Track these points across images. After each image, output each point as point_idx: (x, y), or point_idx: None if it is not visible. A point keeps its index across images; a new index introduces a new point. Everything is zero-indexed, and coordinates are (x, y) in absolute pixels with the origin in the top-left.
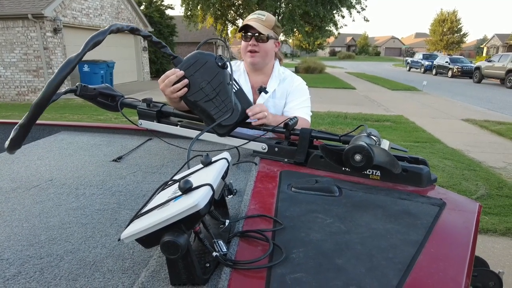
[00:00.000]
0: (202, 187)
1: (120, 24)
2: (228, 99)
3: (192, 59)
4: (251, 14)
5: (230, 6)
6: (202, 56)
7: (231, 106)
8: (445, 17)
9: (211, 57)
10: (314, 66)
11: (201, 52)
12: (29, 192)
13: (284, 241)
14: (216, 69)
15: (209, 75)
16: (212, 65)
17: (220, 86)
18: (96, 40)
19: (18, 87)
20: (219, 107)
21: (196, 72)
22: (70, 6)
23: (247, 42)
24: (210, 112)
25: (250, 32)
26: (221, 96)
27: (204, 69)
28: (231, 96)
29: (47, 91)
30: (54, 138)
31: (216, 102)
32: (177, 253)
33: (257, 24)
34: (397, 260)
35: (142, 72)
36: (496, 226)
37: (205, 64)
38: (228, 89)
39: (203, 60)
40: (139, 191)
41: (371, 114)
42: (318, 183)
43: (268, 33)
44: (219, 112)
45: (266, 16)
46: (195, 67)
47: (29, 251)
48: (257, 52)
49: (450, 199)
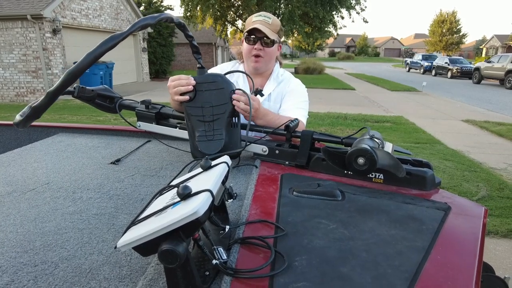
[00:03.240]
0: (201, 193)
1: (171, 16)
2: (219, 130)
3: (212, 78)
4: (255, 16)
5: (230, 7)
6: (223, 81)
7: (219, 138)
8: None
9: (229, 86)
10: (314, 67)
11: (224, 77)
12: (24, 196)
13: (287, 248)
14: (227, 99)
15: (216, 101)
16: (225, 94)
17: (221, 116)
18: (145, 22)
19: (17, 88)
20: (207, 132)
21: (207, 91)
22: (70, 7)
23: (252, 46)
24: (195, 131)
25: (256, 36)
26: (216, 124)
27: (216, 93)
28: (223, 129)
29: (83, 62)
30: (52, 140)
31: (207, 126)
32: (175, 262)
33: (265, 28)
34: (403, 268)
35: (142, 73)
36: (497, 228)
37: (220, 89)
38: (226, 122)
39: (221, 85)
40: (137, 195)
41: (371, 114)
42: (320, 187)
43: (274, 37)
44: (204, 136)
45: (272, 19)
46: (210, 86)
47: (23, 258)
48: (261, 57)
49: (455, 203)
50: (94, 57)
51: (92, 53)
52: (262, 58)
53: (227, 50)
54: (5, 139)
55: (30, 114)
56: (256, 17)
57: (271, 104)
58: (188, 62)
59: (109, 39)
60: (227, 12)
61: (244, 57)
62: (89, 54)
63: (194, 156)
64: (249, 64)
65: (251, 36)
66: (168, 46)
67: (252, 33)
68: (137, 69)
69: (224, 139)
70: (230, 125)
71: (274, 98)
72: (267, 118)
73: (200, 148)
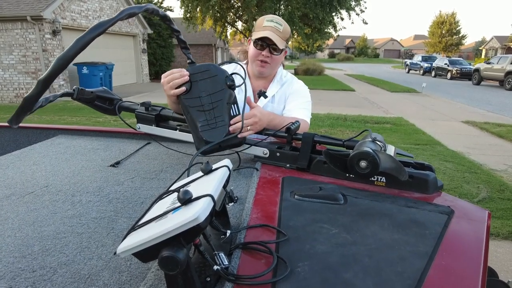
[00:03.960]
0: (202, 198)
1: (156, 8)
2: (221, 117)
3: (204, 67)
4: (267, 19)
5: (230, 8)
6: (215, 68)
7: (222, 124)
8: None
9: (222, 73)
10: (313, 68)
11: (215, 65)
12: (23, 199)
13: (289, 254)
14: (223, 86)
15: (212, 88)
16: (220, 81)
17: (219, 103)
18: (131, 11)
19: (17, 89)
20: (209, 121)
21: (202, 80)
22: (69, 8)
23: (259, 51)
24: (197, 122)
25: (265, 42)
26: (216, 112)
27: (211, 81)
28: (225, 115)
29: (73, 47)
30: (51, 142)
31: (208, 115)
32: (176, 269)
33: (276, 37)
34: (406, 274)
35: (141, 74)
36: (498, 229)
37: (214, 77)
38: (226, 108)
39: (214, 72)
40: (137, 198)
41: (371, 116)
42: (322, 191)
43: (283, 46)
44: (206, 126)
45: (283, 26)
46: (203, 75)
47: (21, 263)
48: (268, 63)
49: (458, 206)
50: (83, 43)
51: (81, 39)
52: (268, 64)
53: (227, 51)
54: (4, 141)
55: (22, 106)
56: (268, 22)
57: (275, 105)
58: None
59: (97, 25)
60: (227, 13)
61: (249, 59)
62: (79, 40)
63: (198, 149)
64: (254, 67)
65: (260, 41)
66: (168, 47)
67: (262, 39)
68: (137, 70)
69: (227, 124)
70: (230, 111)
71: (277, 99)
72: (274, 122)
73: (205, 138)
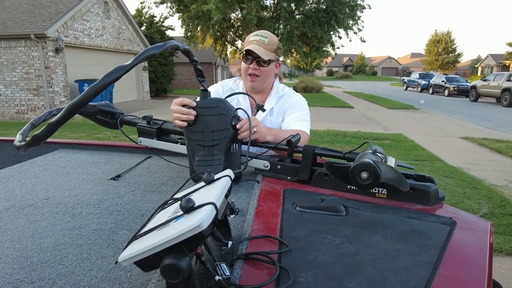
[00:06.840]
0: (204, 206)
1: (177, 43)
2: (218, 156)
3: (214, 103)
4: (252, 35)
5: (230, 27)
6: (224, 106)
7: (218, 163)
8: (440, 38)
9: (231, 112)
10: (312, 86)
11: (226, 102)
12: (23, 211)
13: (291, 264)
14: (227, 125)
15: (217, 126)
16: (226, 120)
17: (220, 141)
18: (151, 53)
19: (18, 105)
20: (206, 157)
21: (208, 116)
22: (73, 26)
23: (248, 65)
24: (194, 155)
25: (251, 56)
26: (215, 150)
27: (218, 118)
28: (223, 155)
29: (86, 94)
30: (52, 155)
31: (207, 151)
32: (178, 277)
33: (259, 48)
34: (411, 283)
35: (142, 91)
36: (501, 245)
37: (221, 115)
38: (226, 148)
39: (222, 111)
40: (138, 211)
41: (370, 132)
42: (323, 202)
43: (270, 57)
44: (203, 161)
45: (268, 38)
46: (211, 111)
47: (19, 274)
48: (257, 76)
49: (461, 217)
50: (97, 90)
51: (95, 86)
52: (258, 77)
53: (226, 69)
54: (5, 155)
55: (30, 142)
56: (254, 36)
57: (274, 118)
58: (189, 81)
59: (113, 71)
60: (227, 32)
61: (241, 75)
62: (92, 86)
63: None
64: (246, 83)
65: (247, 56)
66: (169, 65)
67: (248, 53)
68: (138, 87)
69: (223, 164)
70: (229, 150)
71: (276, 112)
72: (273, 133)
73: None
